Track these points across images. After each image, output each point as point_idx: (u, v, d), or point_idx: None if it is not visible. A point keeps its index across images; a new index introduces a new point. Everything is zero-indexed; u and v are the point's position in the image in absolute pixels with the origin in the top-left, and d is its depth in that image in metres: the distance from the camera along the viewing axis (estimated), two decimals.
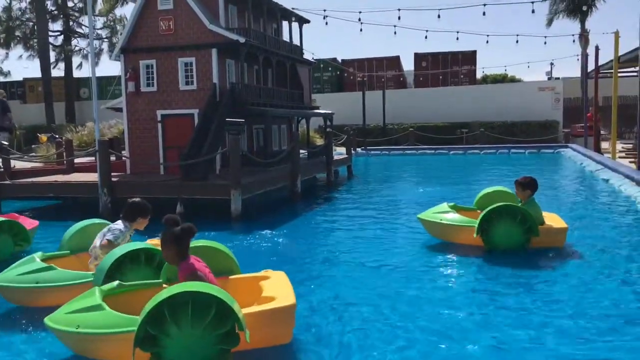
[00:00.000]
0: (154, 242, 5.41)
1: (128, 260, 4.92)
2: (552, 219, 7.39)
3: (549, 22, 34.96)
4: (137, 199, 5.81)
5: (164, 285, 4.38)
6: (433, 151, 25.83)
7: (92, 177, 11.62)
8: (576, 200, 11.85)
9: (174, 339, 3.58)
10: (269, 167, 12.53)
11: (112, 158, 12.07)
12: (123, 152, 13.35)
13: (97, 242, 5.61)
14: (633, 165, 15.36)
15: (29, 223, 8.11)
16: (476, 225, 6.90)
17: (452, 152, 25.53)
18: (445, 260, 6.87)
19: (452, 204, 7.96)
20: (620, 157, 18.61)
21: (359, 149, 25.82)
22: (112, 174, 11.08)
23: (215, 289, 3.72)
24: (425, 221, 7.73)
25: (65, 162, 13.66)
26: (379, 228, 9.09)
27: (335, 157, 16.70)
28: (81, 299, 4.23)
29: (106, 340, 3.83)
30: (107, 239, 5.42)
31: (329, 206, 11.87)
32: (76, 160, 14.14)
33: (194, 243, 4.75)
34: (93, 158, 13.52)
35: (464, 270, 6.48)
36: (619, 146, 21.35)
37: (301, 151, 14.22)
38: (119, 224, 5.60)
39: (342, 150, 19.60)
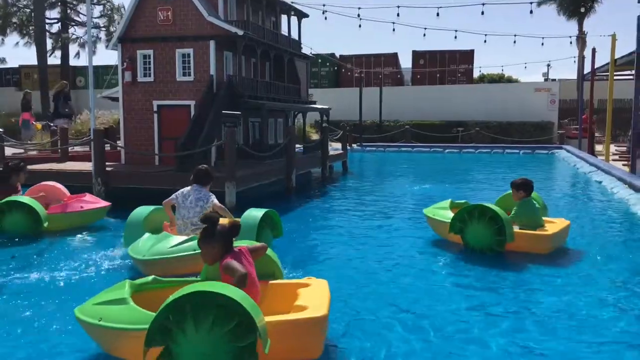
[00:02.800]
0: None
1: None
2: (554, 225, 7.16)
3: (539, 4, 34.81)
4: (205, 166, 6.76)
5: None
6: (428, 149, 25.90)
7: (87, 166, 11.61)
8: (568, 201, 11.92)
9: (189, 338, 3.37)
10: (265, 161, 12.54)
11: (107, 147, 12.04)
12: (118, 141, 13.32)
13: (192, 211, 6.31)
14: (626, 168, 15.46)
15: (101, 203, 8.78)
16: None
17: (447, 150, 25.60)
18: (438, 256, 6.92)
19: (462, 201, 7.93)
20: (613, 160, 18.71)
21: (354, 145, 25.85)
22: (107, 163, 11.07)
23: (244, 298, 3.44)
24: (429, 218, 7.74)
25: (59, 150, 13.62)
26: (372, 223, 9.14)
27: (331, 153, 16.71)
28: (111, 291, 4.21)
29: (123, 336, 3.74)
30: (219, 204, 6.40)
31: (324, 201, 11.90)
32: (70, 149, 14.11)
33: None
34: (88, 147, 13.48)
35: (462, 267, 6.52)
36: (613, 149, 21.45)
37: (297, 145, 14.23)
38: (206, 190, 6.51)
39: (338, 145, 19.62)
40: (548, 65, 42.68)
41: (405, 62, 35.38)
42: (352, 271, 6.34)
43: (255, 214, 6.55)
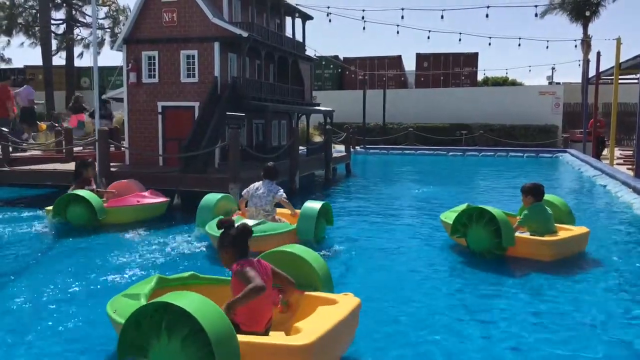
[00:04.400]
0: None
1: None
2: (566, 232, 6.96)
3: (543, 15, 34.83)
4: (273, 163, 8.09)
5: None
6: (432, 152, 25.87)
7: None
8: (572, 205, 11.82)
9: (155, 348, 3.31)
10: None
11: (112, 148, 12.09)
12: (122, 142, 13.36)
13: (264, 200, 7.54)
14: (631, 172, 15.41)
15: (160, 198, 9.31)
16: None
17: (450, 153, 25.58)
18: (441, 258, 6.91)
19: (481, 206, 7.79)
20: (618, 164, 18.66)
21: (357, 147, 25.85)
22: (111, 164, 11.10)
23: (202, 307, 3.26)
24: (446, 223, 7.59)
25: (64, 151, 13.66)
26: (375, 225, 9.13)
27: (334, 155, 16.72)
28: (140, 285, 4.24)
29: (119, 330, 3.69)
30: (285, 196, 7.61)
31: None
32: (75, 150, 14.14)
33: (279, 248, 4.55)
34: (92, 148, 13.52)
35: (470, 269, 6.51)
36: (617, 153, 21.40)
37: (300, 147, 14.24)
38: (275, 184, 7.73)
39: (341, 147, 19.62)
40: (553, 68, 42.64)
41: (409, 64, 35.39)
42: (353, 276, 6.32)
43: (313, 205, 7.48)
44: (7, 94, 15.59)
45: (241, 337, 3.36)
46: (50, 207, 8.85)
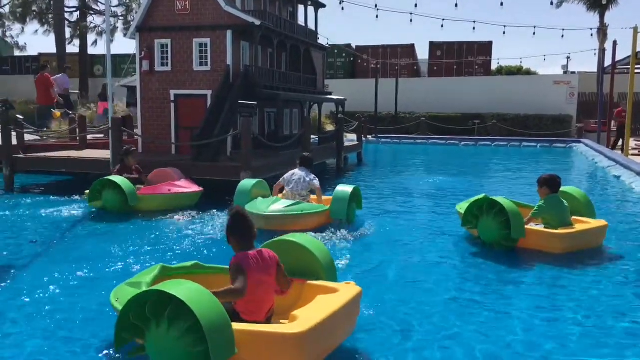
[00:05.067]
0: None
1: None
2: (581, 225, 6.85)
3: (559, 4, 34.45)
4: (308, 153, 9.01)
5: None
6: (444, 141, 25.73)
7: (104, 154, 11.74)
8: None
9: (153, 336, 3.39)
10: (280, 151, 12.57)
11: (125, 136, 12.17)
12: (135, 130, 13.43)
13: (301, 185, 8.24)
14: None
15: (194, 188, 9.51)
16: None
17: (463, 143, 25.43)
18: (452, 249, 6.91)
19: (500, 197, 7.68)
20: (633, 155, 18.46)
21: (369, 137, 25.78)
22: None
23: (195, 294, 3.33)
24: (462, 214, 7.48)
25: (78, 138, 13.77)
26: (386, 215, 9.12)
27: (346, 144, 16.71)
28: (143, 274, 4.33)
29: None
30: (318, 184, 8.34)
31: None
32: (89, 137, 14.26)
33: (282, 237, 4.58)
34: (103, 135, 13.63)
35: (486, 263, 6.50)
36: (633, 143, 21.12)
37: (312, 136, 14.23)
38: (310, 172, 8.44)
39: (353, 137, 19.59)
40: (568, 57, 42.22)
41: (422, 53, 35.16)
42: (365, 265, 6.34)
43: (345, 189, 8.14)
44: (50, 83, 16.23)
45: (236, 326, 3.43)
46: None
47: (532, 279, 5.77)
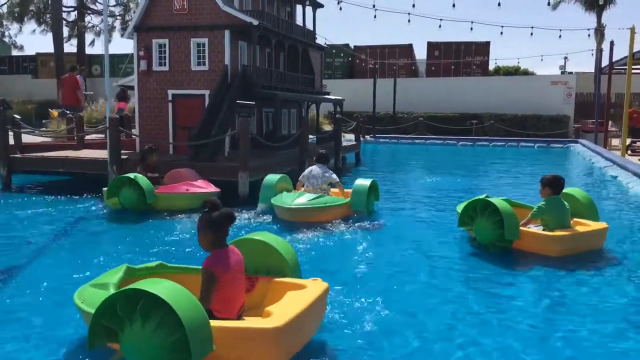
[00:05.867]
0: None
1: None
2: (580, 227, 6.75)
3: (555, 6, 34.52)
4: (325, 150, 9.49)
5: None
6: (442, 141, 25.77)
7: (102, 154, 11.73)
8: None
9: (127, 336, 3.35)
10: (278, 151, 12.58)
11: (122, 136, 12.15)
12: (133, 130, 13.42)
13: (320, 180, 8.82)
14: None
15: (211, 188, 9.48)
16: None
17: (460, 143, 25.46)
18: (447, 249, 6.92)
19: (504, 198, 7.45)
20: (630, 155, 18.50)
21: (367, 137, 25.80)
22: (122, 151, 11.17)
23: (174, 292, 3.30)
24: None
25: (75, 138, 13.76)
26: (383, 214, 9.13)
27: (344, 144, 16.71)
28: (108, 275, 4.28)
29: (88, 320, 3.68)
30: (337, 178, 8.96)
31: None
32: (86, 137, 14.24)
33: (248, 236, 4.63)
34: (103, 135, 13.60)
35: (480, 265, 6.50)
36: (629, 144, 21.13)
37: (310, 136, 14.24)
38: (326, 167, 9.02)
39: (351, 136, 19.59)
40: (565, 58, 42.28)
41: (420, 53, 35.19)
42: (357, 266, 6.33)
43: (364, 182, 8.68)
44: (77, 84, 16.47)
45: (214, 322, 3.46)
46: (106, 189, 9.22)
47: (524, 281, 5.71)
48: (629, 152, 18.93)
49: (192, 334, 3.20)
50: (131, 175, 8.96)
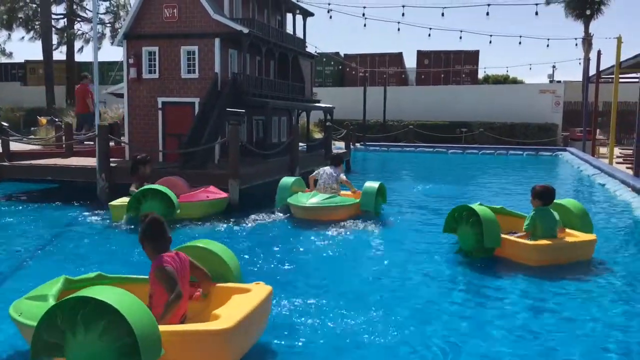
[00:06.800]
0: None
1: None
2: (567, 237, 6.67)
3: (547, 3, 34.86)
4: (338, 152, 9.34)
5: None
6: (432, 149, 25.88)
7: (91, 161, 11.65)
8: None
9: (72, 347, 3.23)
10: (268, 159, 12.57)
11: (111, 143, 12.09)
12: (122, 137, 13.36)
13: (331, 179, 9.48)
14: (630, 172, 15.43)
15: (222, 194, 9.52)
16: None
17: (450, 151, 25.58)
18: (433, 255, 6.92)
19: (498, 206, 7.50)
20: (618, 163, 18.68)
21: (357, 144, 25.86)
22: (111, 159, 11.11)
23: (115, 295, 3.25)
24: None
25: (64, 145, 13.67)
26: (372, 223, 9.12)
27: (334, 151, 16.71)
28: (45, 287, 4.17)
29: (27, 333, 3.59)
30: (345, 178, 9.65)
31: None
32: (75, 145, 14.14)
33: (190, 243, 4.67)
34: (92, 143, 13.53)
35: (475, 274, 6.51)
36: (617, 152, 21.39)
37: (300, 144, 14.25)
38: (338, 169, 9.68)
39: (341, 144, 19.62)
40: (553, 66, 42.70)
41: (410, 62, 35.38)
42: (350, 268, 6.33)
43: (373, 185, 9.28)
44: (87, 93, 16.38)
45: (163, 327, 3.43)
46: (115, 203, 8.82)
47: (504, 290, 5.67)
48: None
49: (142, 339, 3.13)
50: (157, 186, 8.55)
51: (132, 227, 8.25)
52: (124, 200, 8.89)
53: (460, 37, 24.20)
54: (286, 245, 7.46)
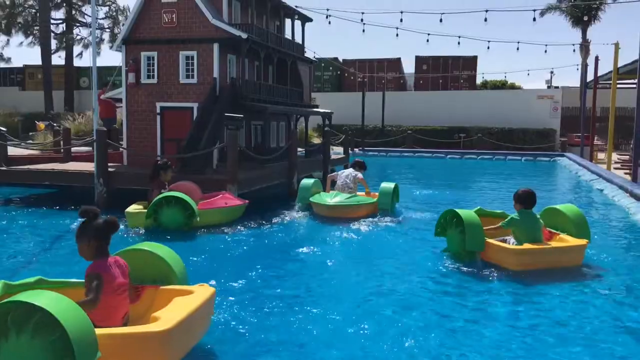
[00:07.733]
0: None
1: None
2: (555, 242, 6.67)
3: (542, 13, 34.94)
4: (361, 159, 11.16)
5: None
6: (430, 154, 25.91)
7: (89, 166, 11.64)
8: None
9: (6, 351, 3.17)
10: (267, 164, 12.56)
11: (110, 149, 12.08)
12: (121, 142, 13.35)
13: (349, 179, 10.26)
14: (628, 177, 15.45)
15: (239, 200, 9.48)
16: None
17: (449, 156, 25.61)
18: (429, 258, 6.92)
19: (499, 211, 7.57)
20: (615, 169, 18.70)
21: (356, 149, 25.88)
22: (109, 164, 11.10)
23: (47, 299, 3.17)
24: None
25: (62, 150, 13.66)
26: (371, 228, 9.12)
27: (333, 157, 16.73)
28: None
29: None
30: (361, 176, 10.43)
31: None
32: (73, 149, 14.14)
33: (133, 246, 4.63)
34: (90, 148, 13.53)
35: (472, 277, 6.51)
36: (615, 157, 21.43)
37: (299, 149, 14.25)
38: (356, 171, 10.51)
39: (340, 149, 19.63)
40: (551, 72, 42.69)
41: (409, 67, 35.42)
42: (347, 275, 6.32)
43: (389, 185, 10.22)
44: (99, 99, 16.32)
45: (99, 330, 3.38)
46: (131, 210, 8.66)
47: (490, 294, 5.65)
48: None
49: (76, 341, 3.07)
50: (175, 193, 8.47)
51: (143, 232, 8.32)
52: (139, 206, 8.79)
53: (459, 43, 24.21)
54: (291, 250, 7.46)
